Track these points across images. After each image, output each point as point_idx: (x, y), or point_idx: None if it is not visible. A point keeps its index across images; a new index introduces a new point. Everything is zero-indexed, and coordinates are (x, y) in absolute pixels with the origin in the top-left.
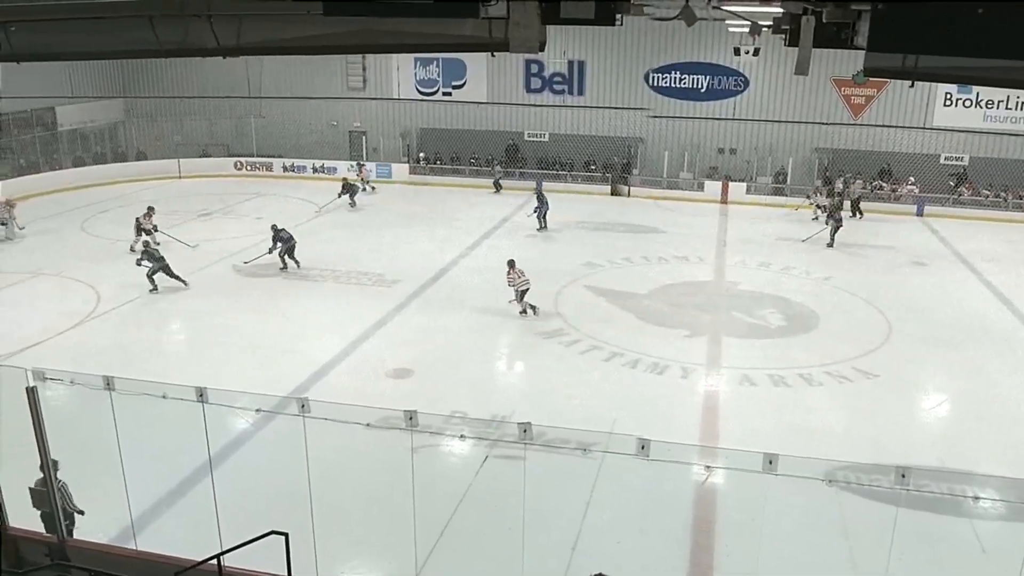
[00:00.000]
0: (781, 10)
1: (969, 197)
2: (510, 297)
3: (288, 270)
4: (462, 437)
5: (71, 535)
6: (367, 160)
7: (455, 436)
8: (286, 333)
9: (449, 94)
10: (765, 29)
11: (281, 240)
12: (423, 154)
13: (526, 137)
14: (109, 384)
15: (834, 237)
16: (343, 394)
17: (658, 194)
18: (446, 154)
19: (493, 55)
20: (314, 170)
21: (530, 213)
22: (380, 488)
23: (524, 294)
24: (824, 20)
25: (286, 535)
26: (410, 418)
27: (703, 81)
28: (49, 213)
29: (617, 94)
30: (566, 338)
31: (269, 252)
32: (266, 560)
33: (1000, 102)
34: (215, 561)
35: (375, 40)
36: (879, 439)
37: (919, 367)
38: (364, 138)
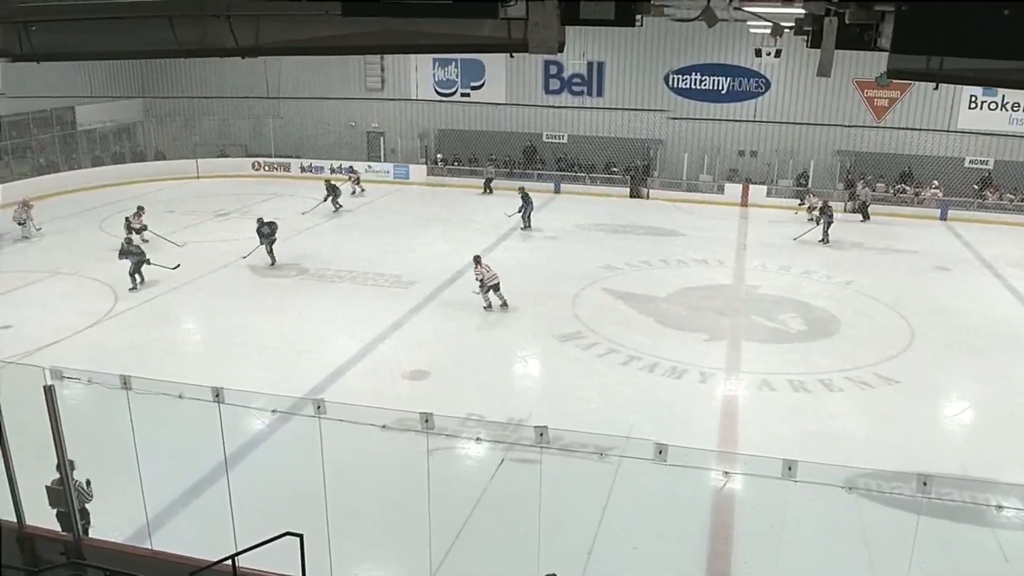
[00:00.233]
0: (803, 11)
1: (994, 201)
2: (475, 289)
3: (276, 264)
4: (478, 440)
5: (87, 534)
6: (384, 160)
7: (471, 439)
8: (303, 334)
9: (467, 95)
10: (787, 30)
11: (262, 235)
12: (441, 155)
13: (544, 138)
14: (126, 383)
15: (827, 233)
16: (359, 395)
17: (677, 196)
18: (464, 155)
19: (512, 56)
20: (331, 171)
21: (512, 212)
22: (395, 490)
23: (494, 288)
24: (847, 21)
25: (301, 536)
26: (426, 420)
27: (724, 83)
28: (68, 212)
29: (637, 95)
30: (584, 341)
31: (260, 245)
32: (281, 561)
33: None
34: (230, 562)
35: (393, 40)
36: (901, 446)
37: (942, 373)
38: (382, 139)
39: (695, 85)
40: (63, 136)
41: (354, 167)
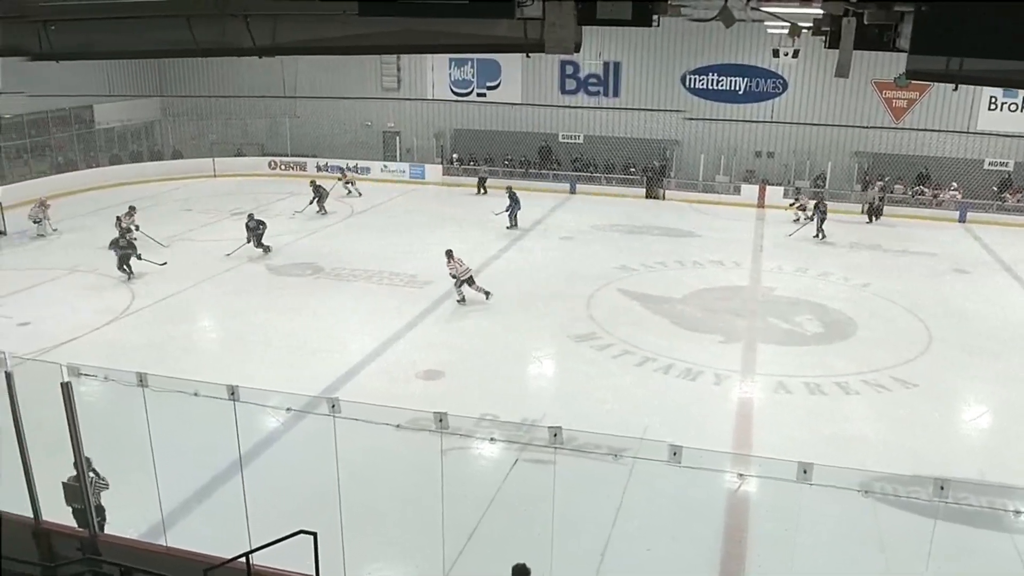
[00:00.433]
0: (821, 11)
1: (1014, 203)
2: (457, 297)
3: (265, 255)
4: (492, 440)
5: (102, 530)
6: (400, 160)
7: (485, 439)
8: (318, 332)
9: (483, 95)
10: (805, 31)
11: (248, 229)
12: (456, 155)
13: (560, 139)
14: (142, 381)
15: (821, 229)
16: (373, 395)
17: (694, 197)
18: (480, 155)
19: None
20: (348, 170)
21: (499, 211)
22: (409, 490)
23: (468, 281)
24: (866, 22)
25: (315, 534)
26: (440, 420)
27: (741, 83)
28: (86, 210)
29: (653, 96)
30: (598, 342)
31: (247, 242)
32: (294, 559)
33: None
34: (244, 559)
35: (410, 40)
36: (917, 450)
37: (960, 376)
38: (398, 138)
39: (712, 85)
40: (81, 134)
41: (346, 168)
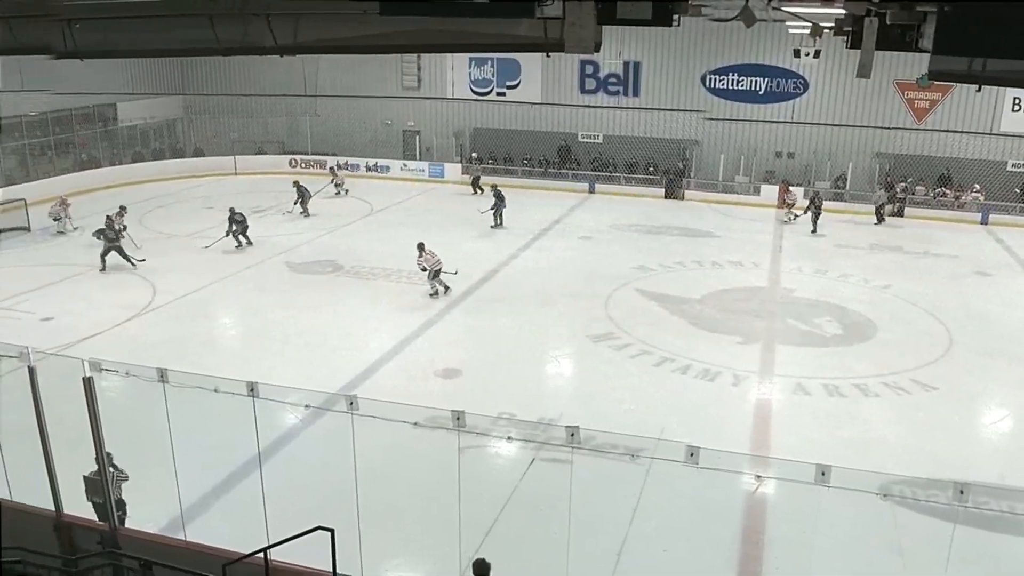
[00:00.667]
0: (843, 11)
1: None
2: (430, 290)
3: (242, 247)
4: (509, 439)
5: (123, 524)
6: (419, 159)
7: (502, 438)
8: (337, 330)
9: (503, 94)
10: (826, 31)
11: (235, 222)
12: (475, 154)
13: (580, 138)
14: (163, 376)
15: (815, 223)
16: (391, 392)
17: (713, 198)
18: (499, 154)
19: (548, 55)
20: (367, 169)
21: (484, 210)
22: (426, 487)
23: (438, 273)
24: (888, 22)
25: (332, 531)
26: (457, 418)
27: (761, 83)
28: (108, 207)
29: (673, 96)
30: (616, 342)
31: (226, 235)
32: (312, 555)
33: None
34: (262, 555)
35: (430, 40)
36: (937, 453)
37: (980, 380)
38: (417, 137)
39: (732, 85)
40: (105, 132)
41: (336, 166)
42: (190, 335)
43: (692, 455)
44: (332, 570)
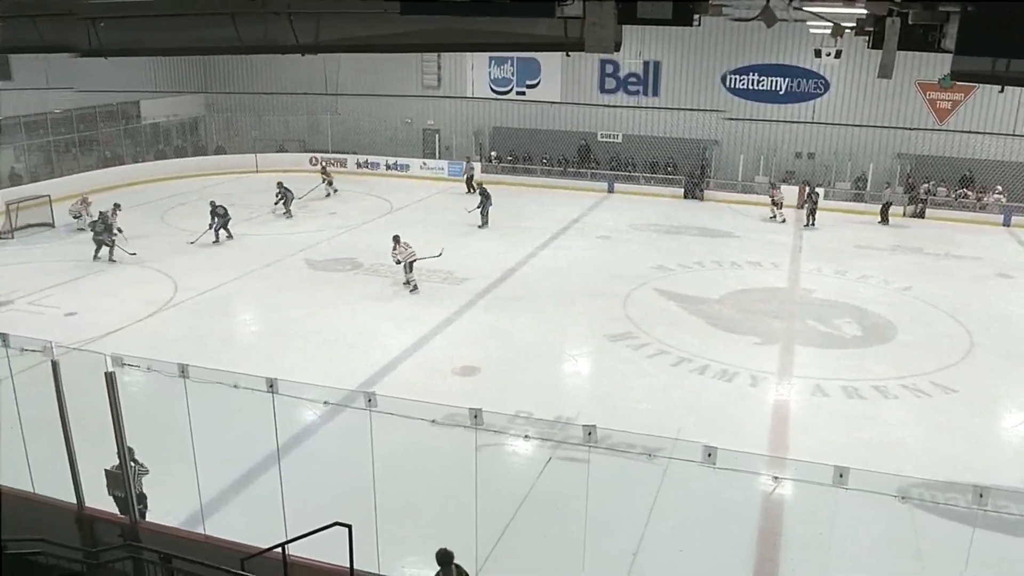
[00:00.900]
0: (865, 11)
1: None
2: (408, 282)
3: (220, 242)
4: (526, 437)
5: (143, 517)
6: (439, 157)
7: (519, 436)
8: (355, 327)
9: (523, 93)
10: (848, 31)
11: (217, 215)
12: (495, 153)
13: (599, 138)
14: (183, 372)
15: (810, 217)
16: (410, 390)
17: (732, 198)
18: (519, 153)
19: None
20: (387, 167)
21: (471, 208)
22: (443, 485)
23: (412, 265)
24: (910, 22)
25: (349, 527)
26: (475, 416)
27: (782, 83)
28: (130, 204)
29: (693, 95)
30: (634, 341)
31: (210, 227)
32: (329, 551)
33: None
34: (280, 549)
35: (450, 39)
36: (957, 456)
37: (1002, 382)
38: (437, 136)
39: (752, 85)
40: (128, 129)
41: (326, 164)
42: (210, 331)
43: (709, 455)
44: (349, 566)
